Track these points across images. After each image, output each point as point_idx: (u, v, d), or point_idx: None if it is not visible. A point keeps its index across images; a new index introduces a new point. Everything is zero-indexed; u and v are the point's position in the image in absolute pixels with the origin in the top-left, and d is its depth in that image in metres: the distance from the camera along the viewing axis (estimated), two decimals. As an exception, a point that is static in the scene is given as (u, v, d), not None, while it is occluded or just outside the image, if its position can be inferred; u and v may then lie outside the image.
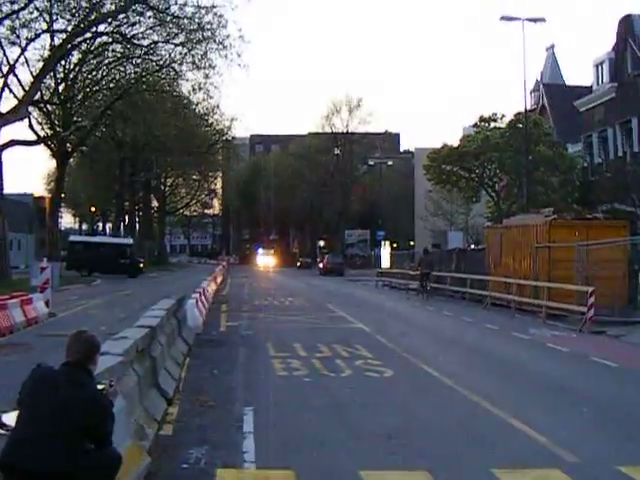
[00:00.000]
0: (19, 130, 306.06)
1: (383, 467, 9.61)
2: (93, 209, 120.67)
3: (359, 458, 10.01)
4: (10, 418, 11.43)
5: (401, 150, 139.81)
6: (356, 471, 9.32)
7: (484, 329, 27.74)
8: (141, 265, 70.12)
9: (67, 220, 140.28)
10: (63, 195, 79.00)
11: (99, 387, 7.13)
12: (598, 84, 53.10)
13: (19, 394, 7.00)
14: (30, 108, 52.03)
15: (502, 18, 43.32)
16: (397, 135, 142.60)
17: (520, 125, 55.54)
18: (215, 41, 51.98)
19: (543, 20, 44.30)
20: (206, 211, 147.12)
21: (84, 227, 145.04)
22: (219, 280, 52.41)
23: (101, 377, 7.71)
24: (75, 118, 60.83)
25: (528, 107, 52.82)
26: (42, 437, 6.41)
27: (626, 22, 48.81)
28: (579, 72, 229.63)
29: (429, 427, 11.99)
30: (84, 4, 49.75)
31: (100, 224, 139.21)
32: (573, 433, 11.73)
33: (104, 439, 6.87)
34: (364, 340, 22.81)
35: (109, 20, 51.24)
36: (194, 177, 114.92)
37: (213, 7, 50.71)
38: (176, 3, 50.36)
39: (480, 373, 17.66)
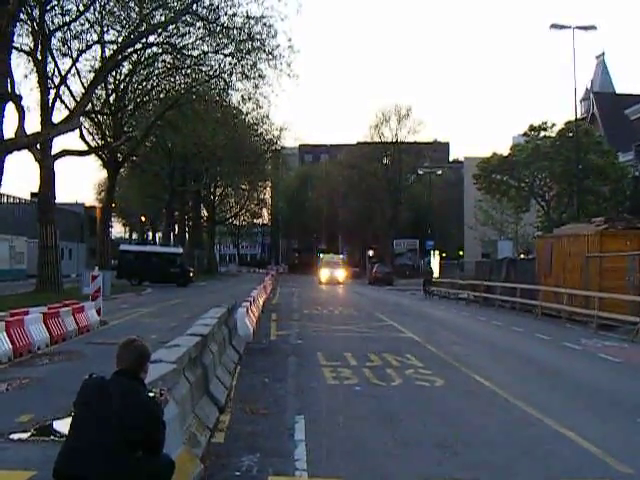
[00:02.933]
0: (71, 140, 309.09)
1: (434, 477, 9.58)
2: (143, 218, 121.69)
3: (410, 467, 10.01)
4: (61, 425, 11.62)
5: (450, 159, 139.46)
6: (409, 480, 9.32)
7: (535, 339, 27.58)
8: (191, 274, 70.52)
9: (117, 229, 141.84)
10: (114, 205, 79.66)
11: (150, 395, 7.18)
12: (650, 92, 52.60)
13: (73, 404, 7.07)
14: (81, 119, 52.57)
15: (552, 26, 43.11)
16: (446, 144, 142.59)
17: (570, 134, 55.23)
18: (265, 51, 52.26)
19: (594, 28, 44.04)
20: (255, 220, 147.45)
21: (134, 236, 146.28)
22: (269, 289, 52.56)
23: (154, 385, 7.78)
24: (126, 128, 61.47)
25: (578, 116, 52.57)
26: (95, 446, 6.46)
27: (678, 29, 48.34)
28: (630, 80, 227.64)
29: (480, 437, 11.90)
30: (134, 15, 50.21)
31: (150, 233, 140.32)
32: (627, 444, 11.61)
33: (156, 447, 6.92)
34: (414, 349, 22.79)
35: (159, 31, 51.63)
36: (243, 187, 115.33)
37: (262, 17, 50.95)
38: (226, 14, 50.66)
39: (531, 383, 17.53)
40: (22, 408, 12.89)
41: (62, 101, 51.92)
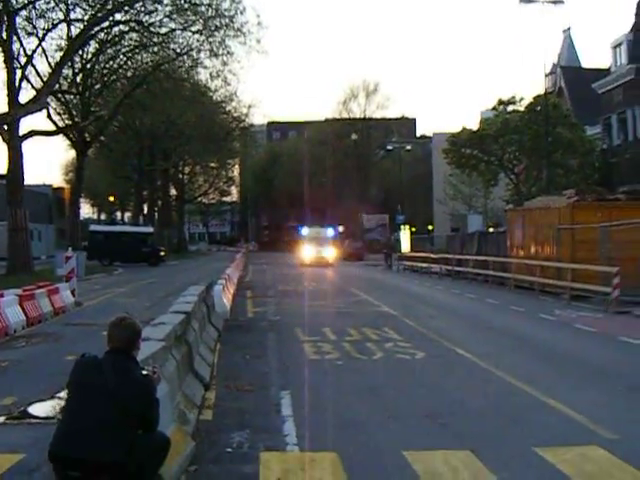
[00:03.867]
0: (38, 120, 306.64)
1: (424, 447, 9.64)
2: (112, 198, 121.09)
3: (399, 439, 10.06)
4: (45, 406, 11.59)
5: (418, 135, 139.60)
6: (399, 451, 9.37)
7: (510, 311, 27.80)
8: (162, 253, 70.37)
9: (85, 210, 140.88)
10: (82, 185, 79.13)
11: (144, 373, 7.19)
12: (616, 66, 52.94)
13: (67, 385, 7.06)
14: (49, 98, 52.12)
15: (522, 0, 43.18)
16: (414, 120, 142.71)
17: (539, 108, 55.47)
18: (233, 28, 52.02)
19: (562, 2, 44.15)
20: (224, 199, 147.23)
21: (102, 217, 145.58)
22: (241, 267, 52.59)
23: (145, 363, 7.78)
24: (93, 108, 60.89)
25: (544, 90, 52.67)
26: (92, 426, 6.46)
27: (645, 3, 48.58)
28: (595, 54, 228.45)
29: (465, 407, 12.00)
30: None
31: (119, 213, 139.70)
32: (610, 411, 11.74)
33: (152, 424, 6.94)
34: (392, 323, 22.93)
35: (126, 8, 51.15)
36: (212, 165, 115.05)
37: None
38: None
39: (511, 354, 17.67)
40: (4, 391, 12.79)
41: (28, 81, 51.36)
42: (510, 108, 63.68)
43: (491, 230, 61.79)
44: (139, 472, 6.67)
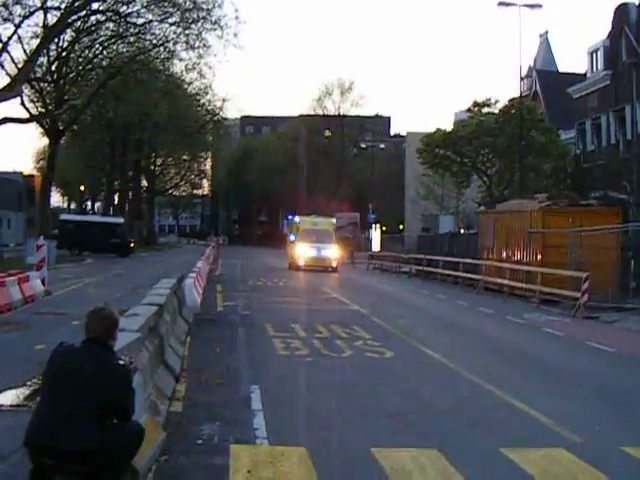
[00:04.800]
0: (10, 108, 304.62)
1: (392, 445, 9.74)
2: (82, 188, 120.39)
3: (368, 436, 10.15)
4: (7, 398, 11.56)
5: (391, 134, 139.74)
6: (367, 448, 9.45)
7: (478, 312, 28.00)
8: (132, 245, 70.05)
9: (55, 199, 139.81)
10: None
11: (120, 362, 7.23)
12: (592, 71, 53.29)
13: (43, 373, 7.10)
14: (23, 86, 51.83)
15: (500, 4, 43.46)
16: (388, 118, 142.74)
17: (513, 111, 55.75)
18: (210, 21, 51.90)
19: (540, 6, 44.50)
20: (195, 192, 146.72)
21: (72, 206, 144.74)
22: (211, 260, 52.55)
23: (121, 353, 7.81)
24: (67, 96, 60.52)
25: (519, 93, 52.94)
26: (67, 414, 6.50)
27: (622, 10, 48.95)
28: (572, 59, 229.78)
29: (433, 407, 12.14)
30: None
31: (89, 203, 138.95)
32: (575, 414, 11.91)
33: (127, 413, 6.99)
34: (361, 321, 22.97)
35: (104, -3, 50.96)
36: (184, 157, 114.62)
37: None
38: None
39: (478, 355, 17.82)
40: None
41: (3, 68, 51.19)
42: (485, 110, 63.87)
43: (462, 231, 62.14)
44: (113, 460, 6.71)
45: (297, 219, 58.66)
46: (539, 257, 33.55)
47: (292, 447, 9.40)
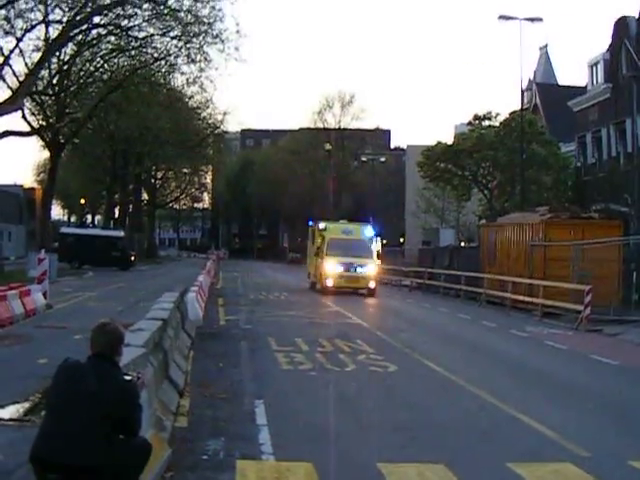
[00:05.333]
0: (11, 121, 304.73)
1: (398, 460, 9.70)
2: (83, 201, 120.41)
3: (374, 451, 10.11)
4: (9, 412, 11.51)
5: (392, 147, 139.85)
6: (373, 463, 9.41)
7: (481, 326, 27.99)
8: (132, 258, 70.00)
9: (56, 212, 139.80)
10: (53, 187, 78.63)
11: (127, 377, 7.19)
12: (593, 84, 53.27)
13: (50, 389, 7.06)
14: (24, 99, 51.84)
15: (500, 17, 43.53)
16: (388, 132, 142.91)
17: (514, 124, 55.75)
18: (211, 35, 51.90)
19: (540, 20, 44.60)
20: (196, 205, 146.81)
21: (73, 219, 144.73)
22: (212, 274, 52.52)
23: (126, 369, 7.78)
24: (69, 110, 60.59)
25: (520, 106, 52.94)
26: (73, 430, 6.45)
27: (622, 23, 48.94)
28: (572, 72, 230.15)
29: (438, 421, 12.09)
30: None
31: (89, 216, 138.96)
32: (582, 428, 11.88)
33: (134, 429, 6.94)
34: (364, 335, 22.93)
35: (105, 12, 50.98)
36: (185, 170, 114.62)
37: (212, 0, 50.62)
38: (173, -4, 50.24)
39: (483, 369, 17.80)
40: (-23, 392, 12.73)
41: (4, 81, 51.08)
42: (485, 123, 63.92)
43: (463, 245, 62.12)
44: (120, 476, 6.67)
45: (322, 225, 45.89)
46: (541, 270, 33.50)
47: (298, 462, 9.36)
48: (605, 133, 51.16)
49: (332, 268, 41.75)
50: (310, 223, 52.92)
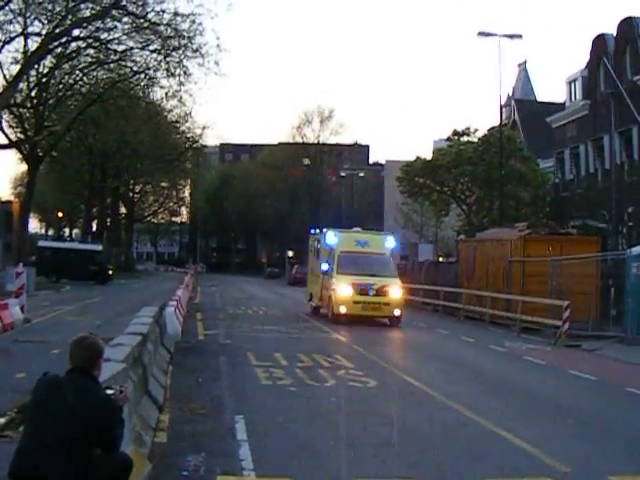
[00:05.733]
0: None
1: (377, 475, 9.72)
2: (61, 214, 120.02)
3: (355, 467, 10.09)
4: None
5: (370, 162, 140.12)
6: (354, 479, 9.42)
7: (460, 341, 28.01)
8: (110, 272, 69.75)
9: (33, 225, 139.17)
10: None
11: (109, 392, 7.14)
12: (571, 101, 53.60)
13: (28, 404, 7.01)
14: (2, 111, 51.70)
15: (480, 34, 43.64)
16: (367, 147, 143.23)
17: (492, 140, 55.96)
18: (191, 49, 51.85)
19: (519, 37, 44.77)
20: (174, 219, 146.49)
21: (50, 232, 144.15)
22: (190, 288, 52.35)
23: (107, 384, 7.72)
24: (47, 123, 60.39)
25: (499, 122, 53.16)
26: (51, 445, 6.40)
27: (600, 41, 49.29)
28: (550, 89, 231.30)
29: (417, 437, 12.07)
30: (59, 8, 49.47)
31: (67, 230, 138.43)
32: (561, 443, 11.88)
33: (114, 444, 6.88)
34: (342, 350, 22.99)
35: (85, 25, 50.93)
36: (163, 184, 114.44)
37: (192, 15, 50.59)
38: (153, 10, 50.23)
39: (462, 384, 17.80)
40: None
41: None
42: (464, 139, 64.08)
43: (441, 260, 62.20)
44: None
45: (332, 236, 35.72)
46: (519, 285, 33.60)
47: (279, 478, 9.34)
48: (583, 149, 51.47)
49: (344, 291, 32.79)
50: (313, 231, 42.09)
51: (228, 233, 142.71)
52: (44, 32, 50.38)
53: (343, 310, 32.54)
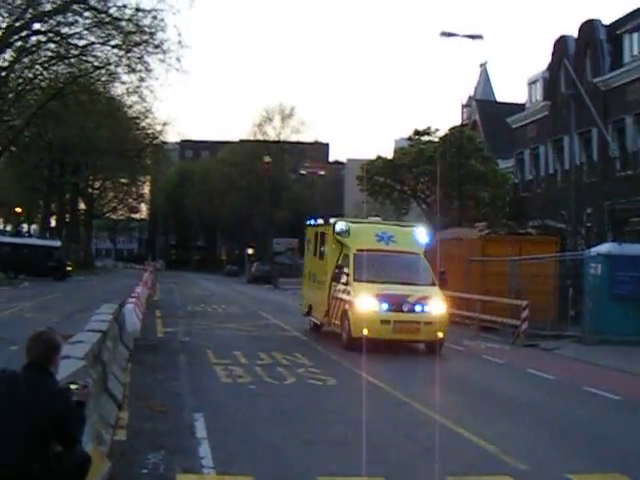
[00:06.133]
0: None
1: (339, 473, 9.73)
2: (19, 210, 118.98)
3: (314, 464, 10.14)
4: None
5: (330, 160, 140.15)
6: (314, 477, 9.44)
7: (419, 340, 27.99)
8: (69, 268, 69.17)
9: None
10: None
11: (72, 387, 7.08)
12: (531, 102, 54.02)
13: None
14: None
15: (442, 34, 43.71)
16: (327, 145, 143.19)
17: (453, 139, 56.17)
18: (153, 44, 51.64)
19: (481, 37, 44.88)
20: (133, 215, 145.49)
21: (8, 228, 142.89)
22: (149, 285, 52.08)
23: (66, 382, 7.65)
24: (6, 117, 59.84)
25: (460, 122, 53.36)
26: (6, 441, 6.35)
27: (561, 43, 49.69)
28: (511, 90, 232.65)
29: (378, 435, 12.05)
30: (20, 1, 49.09)
31: (25, 225, 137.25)
32: (519, 442, 12.02)
33: (71, 440, 6.83)
34: (302, 348, 22.94)
35: (46, 19, 50.57)
36: (123, 181, 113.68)
37: (154, 10, 50.38)
38: (115, 5, 50.01)
39: (420, 383, 17.85)
40: None
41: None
42: (425, 138, 64.26)
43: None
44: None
45: (341, 225, 26.39)
46: (479, 285, 33.72)
47: (239, 476, 9.34)
48: (543, 150, 51.87)
49: (367, 305, 23.15)
50: (311, 221, 31.35)
51: (188, 230, 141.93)
52: (4, 25, 50.11)
53: (366, 332, 22.14)
